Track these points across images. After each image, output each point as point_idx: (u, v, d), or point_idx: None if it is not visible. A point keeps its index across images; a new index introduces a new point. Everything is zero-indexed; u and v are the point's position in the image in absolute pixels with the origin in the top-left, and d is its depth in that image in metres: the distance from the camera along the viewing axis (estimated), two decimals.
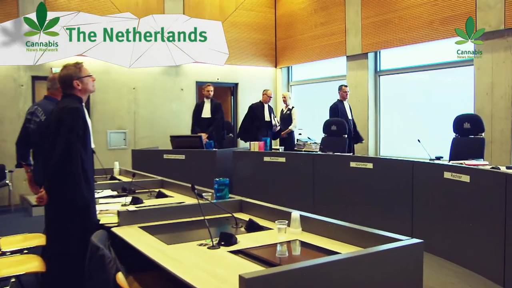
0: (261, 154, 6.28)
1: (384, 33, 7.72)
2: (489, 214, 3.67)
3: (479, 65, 6.34)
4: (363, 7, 8.06)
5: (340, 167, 5.48)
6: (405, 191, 4.70)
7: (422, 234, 4.45)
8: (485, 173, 3.84)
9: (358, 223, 2.34)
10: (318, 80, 9.58)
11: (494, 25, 6.08)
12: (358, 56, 8.23)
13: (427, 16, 6.98)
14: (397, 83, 8.05)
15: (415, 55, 7.59)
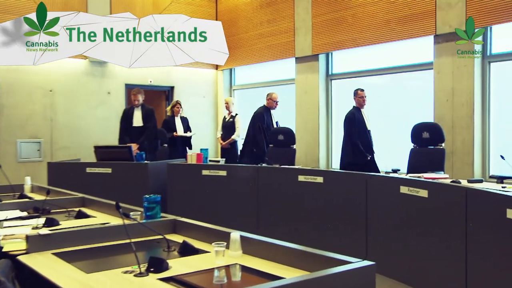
0: (199, 167, 6.25)
1: (337, 32, 7.95)
2: (448, 232, 3.84)
3: (439, 69, 6.66)
4: (314, 3, 8.27)
5: (287, 181, 5.55)
6: (358, 208, 4.83)
7: (377, 254, 4.58)
8: (444, 187, 4.02)
9: (307, 243, 2.37)
10: (264, 84, 9.69)
11: (455, 26, 6.40)
12: (308, 58, 8.42)
13: (383, 15, 7.27)
14: (350, 88, 8.27)
15: (371, 57, 7.86)
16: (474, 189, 3.66)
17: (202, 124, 9.90)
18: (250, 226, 5.61)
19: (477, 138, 6.38)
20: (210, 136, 9.96)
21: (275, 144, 6.88)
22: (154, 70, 9.06)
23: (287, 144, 6.79)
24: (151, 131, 7.14)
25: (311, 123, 8.41)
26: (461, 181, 4.52)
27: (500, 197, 3.28)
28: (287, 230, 5.37)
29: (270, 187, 5.75)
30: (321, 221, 5.23)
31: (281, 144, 6.82)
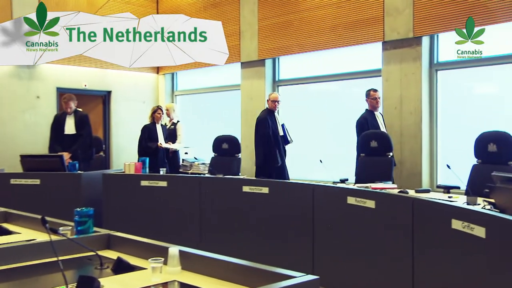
0: (137, 177, 6.16)
1: (284, 37, 8.05)
2: (395, 243, 3.95)
3: (387, 76, 6.87)
4: (260, 6, 8.35)
5: (231, 192, 5.56)
6: (305, 219, 4.89)
7: (324, 266, 4.66)
8: (391, 198, 4.14)
9: (252, 256, 2.37)
10: (208, 90, 9.69)
11: (402, 33, 6.63)
12: (254, 63, 8.49)
13: (331, 20, 7.43)
14: (298, 94, 8.41)
15: (319, 64, 8.01)
16: (421, 199, 3.78)
17: None
18: (192, 240, 5.57)
19: (425, 147, 6.61)
20: None
21: (220, 153, 6.88)
22: (89, 73, 8.88)
23: (232, 153, 6.81)
24: (85, 139, 6.98)
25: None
26: (409, 191, 4.67)
27: (445, 208, 3.41)
28: (231, 244, 5.37)
29: (213, 199, 5.74)
30: (266, 233, 5.26)
31: (226, 153, 6.83)
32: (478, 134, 4.97)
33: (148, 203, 6.06)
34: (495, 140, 4.76)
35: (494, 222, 2.79)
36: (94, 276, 2.25)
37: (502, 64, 6.19)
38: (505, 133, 4.80)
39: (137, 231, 3.00)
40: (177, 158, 7.97)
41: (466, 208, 3.26)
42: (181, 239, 4.51)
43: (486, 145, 4.81)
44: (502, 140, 4.73)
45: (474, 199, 3.89)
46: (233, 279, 2.25)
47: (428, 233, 3.58)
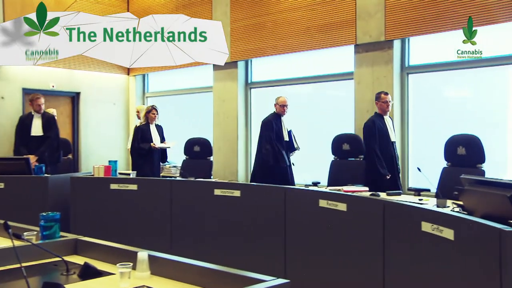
0: (106, 180, 6.09)
1: (257, 39, 8.07)
2: (366, 246, 3.99)
3: (359, 79, 6.95)
4: (233, 8, 8.37)
5: (203, 195, 5.54)
6: (277, 222, 4.90)
7: (296, 269, 4.68)
8: (362, 200, 4.18)
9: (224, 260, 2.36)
10: (180, 92, 9.66)
11: (374, 36, 6.72)
12: (226, 65, 8.47)
13: (304, 22, 7.48)
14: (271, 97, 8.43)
15: (293, 66, 8.06)
16: (391, 202, 3.83)
17: (111, 133, 9.69)
18: (163, 244, 5.53)
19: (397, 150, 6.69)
20: (121, 147, 9.75)
21: (191, 155, 6.85)
22: (57, 73, 8.75)
23: (204, 155, 6.79)
24: (52, 141, 6.87)
25: (229, 134, 8.46)
26: (380, 194, 4.72)
27: (415, 210, 3.46)
28: (202, 248, 5.35)
29: (184, 202, 5.71)
30: (238, 237, 5.25)
31: (197, 155, 6.81)
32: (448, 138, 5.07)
33: (118, 207, 6.00)
34: (464, 144, 4.86)
35: (462, 224, 2.84)
36: (60, 282, 2.22)
37: (472, 68, 6.31)
38: (474, 136, 4.90)
39: (106, 236, 2.97)
40: None
41: (435, 211, 3.31)
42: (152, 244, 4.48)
43: (455, 148, 4.91)
44: (471, 143, 4.83)
45: (444, 201, 3.96)
46: (203, 284, 2.25)
47: (399, 235, 3.62)
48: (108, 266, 2.57)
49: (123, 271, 2.29)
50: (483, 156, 4.75)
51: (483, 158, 4.75)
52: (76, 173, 7.55)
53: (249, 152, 8.50)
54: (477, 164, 4.75)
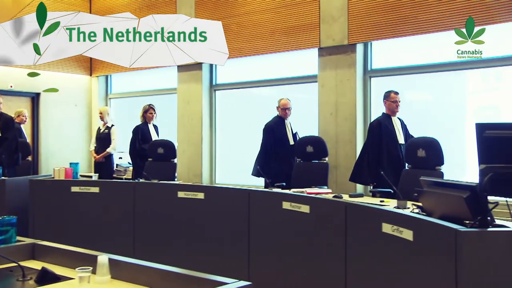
0: (67, 183, 5.99)
1: None
2: (329, 247, 4.04)
3: (323, 82, 7.02)
4: (197, 9, 8.35)
5: (166, 198, 5.50)
6: (241, 224, 4.91)
7: (259, 272, 4.69)
8: (325, 202, 4.23)
9: (188, 263, 2.36)
10: (144, 93, 9.58)
11: (338, 40, 6.81)
12: (190, 67, 8.46)
13: (269, 25, 7.52)
14: (236, 99, 8.46)
15: (258, 68, 8.09)
16: (353, 204, 3.89)
17: (73, 135, 9.54)
18: (126, 248, 5.47)
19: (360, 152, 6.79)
20: (83, 149, 9.60)
21: (155, 157, 6.81)
22: (15, 73, 8.55)
23: (167, 157, 6.75)
24: (10, 143, 6.72)
25: (194, 136, 8.43)
26: (343, 196, 4.78)
27: (376, 212, 3.52)
28: (166, 251, 5.32)
29: (148, 205, 5.66)
30: (202, 239, 5.24)
31: (161, 157, 6.77)
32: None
33: (79, 210, 5.90)
34: (424, 146, 4.96)
35: (420, 225, 2.91)
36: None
37: (433, 72, 6.46)
38: (433, 139, 5.01)
39: (66, 240, 2.93)
40: (110, 163, 7.82)
41: (395, 212, 3.37)
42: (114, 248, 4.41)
43: (415, 151, 5.01)
44: (430, 146, 4.94)
45: (404, 203, 4.04)
46: (163, 287, 2.24)
47: (360, 236, 3.68)
48: (67, 271, 2.54)
49: (82, 275, 2.27)
50: (442, 158, 4.86)
51: (442, 160, 4.86)
52: (36, 175, 7.39)
53: (214, 154, 8.50)
54: (436, 166, 4.85)
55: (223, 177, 8.34)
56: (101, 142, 7.79)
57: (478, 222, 2.60)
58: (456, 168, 5.99)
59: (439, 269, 2.68)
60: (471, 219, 2.65)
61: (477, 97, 6.73)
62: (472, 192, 2.68)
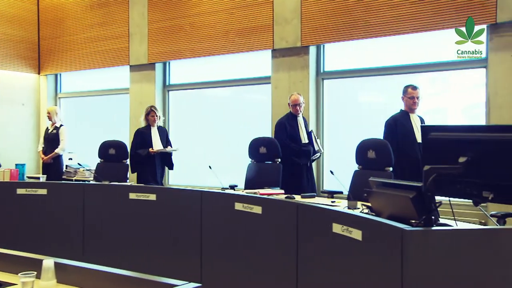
0: (12, 185, 5.83)
1: (175, 41, 8.02)
2: (281, 247, 4.06)
3: (276, 83, 7.07)
4: (150, 8, 8.27)
5: (117, 200, 5.43)
6: (193, 225, 4.89)
7: (212, 273, 4.69)
8: (277, 203, 4.26)
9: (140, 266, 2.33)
10: (95, 93, 9.43)
11: (291, 42, 6.87)
12: (143, 67, 8.38)
13: (222, 26, 7.52)
14: (190, 99, 8.42)
15: (212, 69, 8.08)
16: (304, 204, 3.92)
17: (20, 135, 9.27)
18: (75, 252, 5.37)
19: None
20: (30, 150, 9.35)
21: (106, 158, 6.71)
22: None
23: (119, 159, 6.66)
24: None
25: None
26: (295, 196, 4.83)
27: (326, 212, 3.56)
28: (116, 254, 5.24)
29: (98, 207, 5.57)
30: (154, 241, 5.19)
31: (113, 158, 6.67)
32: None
33: (26, 213, 5.75)
34: (374, 147, 5.07)
35: (369, 225, 2.96)
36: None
37: (384, 75, 6.61)
38: (383, 140, 5.12)
39: (12, 245, 2.86)
40: (59, 164, 7.64)
41: (345, 212, 3.42)
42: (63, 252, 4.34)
43: (366, 152, 5.11)
44: (380, 147, 5.04)
45: (354, 203, 4.12)
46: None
47: (311, 236, 3.72)
48: (9, 277, 2.47)
49: (25, 280, 2.21)
50: (391, 159, 4.98)
51: (391, 161, 4.97)
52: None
53: None
54: (386, 167, 4.96)
55: (177, 179, 8.28)
56: (49, 143, 7.60)
57: (423, 222, 2.67)
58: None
59: (387, 268, 2.74)
60: (417, 219, 2.72)
61: (427, 100, 6.92)
62: (418, 192, 2.75)
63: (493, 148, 2.63)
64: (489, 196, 2.63)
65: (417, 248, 2.56)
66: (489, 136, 2.69)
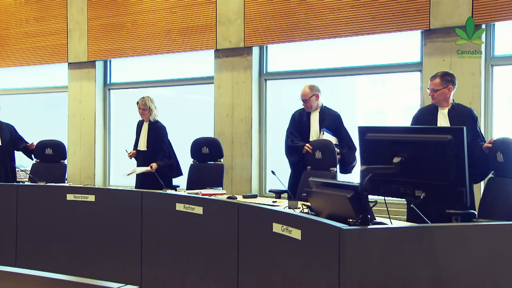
0: None
1: (116, 39, 7.90)
2: (222, 248, 4.08)
3: (219, 83, 7.08)
4: (90, 4, 8.11)
5: (54, 202, 5.30)
6: (133, 226, 4.84)
7: (154, 276, 4.65)
8: (218, 203, 4.27)
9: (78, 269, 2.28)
10: (30, 91, 9.16)
11: (234, 42, 6.90)
12: (83, 65, 8.20)
13: (164, 24, 7.46)
14: (131, 98, 8.29)
15: (154, 68, 8.00)
16: (245, 205, 3.96)
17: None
18: (7, 257, 5.21)
19: (255, 153, 6.93)
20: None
21: (42, 159, 6.53)
22: None
23: (57, 159, 6.51)
24: None
25: (86, 136, 8.18)
26: (237, 197, 4.85)
27: (267, 212, 3.61)
28: (53, 258, 5.11)
29: (33, 209, 5.41)
30: (93, 244, 5.09)
31: (49, 159, 6.51)
32: None
33: None
34: (320, 148, 5.16)
35: (308, 224, 3.02)
36: None
37: (326, 77, 6.72)
38: (327, 141, 5.22)
39: None
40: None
41: (284, 212, 3.48)
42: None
43: (314, 152, 5.19)
44: (326, 147, 5.14)
45: (295, 203, 4.18)
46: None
47: (252, 236, 3.76)
48: None
49: None
50: (335, 160, 5.08)
51: (335, 162, 5.07)
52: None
53: (107, 155, 8.29)
54: (330, 167, 5.06)
55: (118, 179, 8.14)
56: None
57: (360, 221, 2.76)
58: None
59: (324, 266, 2.80)
60: (354, 218, 2.81)
61: (367, 101, 7.10)
62: (355, 192, 2.84)
63: (424, 149, 2.74)
64: (421, 195, 2.74)
65: (354, 246, 2.63)
66: (420, 138, 2.80)
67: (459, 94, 5.52)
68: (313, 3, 6.34)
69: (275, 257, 3.42)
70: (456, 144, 2.63)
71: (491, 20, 5.45)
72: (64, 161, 6.57)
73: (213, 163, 6.18)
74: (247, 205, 3.96)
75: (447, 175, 2.66)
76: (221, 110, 7.08)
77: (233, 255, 3.92)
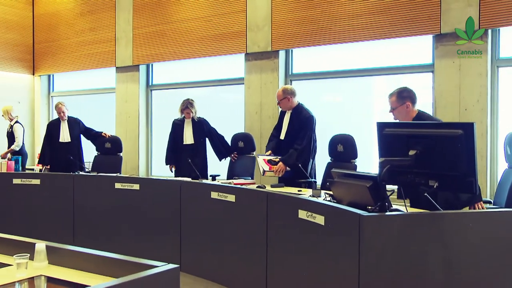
0: (9, 175, 5.73)
1: (157, 45, 7.96)
2: (252, 233, 4.08)
3: (249, 84, 7.08)
4: (135, 15, 8.18)
5: (104, 190, 5.38)
6: (173, 212, 4.88)
7: (191, 257, 4.68)
8: (249, 192, 4.27)
9: (125, 251, 2.31)
10: (84, 92, 9.30)
11: (262, 46, 6.88)
12: (129, 68, 8.29)
13: (200, 31, 7.49)
14: (171, 98, 8.36)
15: (191, 70, 8.03)
16: (273, 193, 3.95)
17: None
18: (66, 237, 5.31)
19: None
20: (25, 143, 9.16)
21: (102, 151, 6.70)
22: None
23: (115, 151, 6.67)
24: None
25: (131, 132, 8.27)
26: (266, 186, 4.84)
27: (293, 200, 3.59)
28: (105, 240, 5.20)
29: (87, 196, 5.51)
30: (138, 228, 5.16)
31: (109, 151, 6.67)
32: (328, 137, 5.28)
33: (21, 202, 5.66)
34: (342, 142, 5.10)
35: (330, 211, 3.00)
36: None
37: (346, 78, 6.66)
38: (349, 136, 5.16)
39: (9, 231, 2.80)
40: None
41: (309, 200, 3.46)
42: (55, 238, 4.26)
43: (336, 146, 5.14)
44: (347, 141, 5.08)
45: (318, 192, 4.14)
46: (98, 271, 2.20)
47: (280, 222, 3.75)
48: (5, 258, 2.44)
49: (19, 261, 2.18)
50: (356, 152, 5.01)
51: (356, 154, 5.01)
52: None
53: (150, 149, 8.38)
54: (352, 159, 5.00)
55: (159, 170, 8.22)
56: (8, 140, 7.45)
57: (378, 208, 2.72)
58: (369, 162, 6.17)
59: (346, 249, 2.78)
60: (373, 205, 2.77)
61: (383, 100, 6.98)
62: (374, 182, 2.80)
63: (438, 142, 2.69)
64: (434, 185, 2.68)
65: (373, 231, 2.60)
66: (434, 132, 2.74)
67: (468, 93, 5.40)
68: (335, 11, 6.27)
69: (301, 241, 3.40)
70: (467, 138, 2.57)
71: (498, 25, 5.30)
72: (120, 154, 6.68)
73: (247, 155, 6.14)
74: (275, 193, 3.95)
75: (458, 166, 2.59)
76: (251, 108, 7.07)
77: (262, 239, 3.92)
